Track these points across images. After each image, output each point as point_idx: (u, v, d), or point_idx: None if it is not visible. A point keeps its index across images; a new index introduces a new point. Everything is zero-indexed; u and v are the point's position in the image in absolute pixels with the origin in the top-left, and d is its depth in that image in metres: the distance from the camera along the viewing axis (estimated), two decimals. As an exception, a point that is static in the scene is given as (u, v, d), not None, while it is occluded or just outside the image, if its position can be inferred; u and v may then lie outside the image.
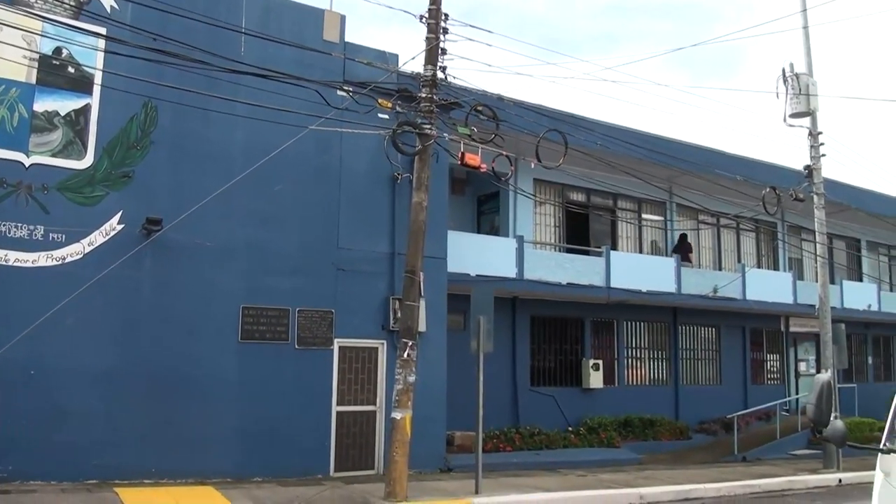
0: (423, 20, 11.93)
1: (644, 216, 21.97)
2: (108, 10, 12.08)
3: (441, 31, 11.92)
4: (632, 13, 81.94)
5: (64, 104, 11.93)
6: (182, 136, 12.67)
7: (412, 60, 13.60)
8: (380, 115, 12.89)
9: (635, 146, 16.98)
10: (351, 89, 12.26)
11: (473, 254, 16.48)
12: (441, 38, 11.92)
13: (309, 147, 13.22)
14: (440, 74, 11.95)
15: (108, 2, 12.22)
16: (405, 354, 11.53)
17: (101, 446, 11.43)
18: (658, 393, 21.06)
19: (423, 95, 11.93)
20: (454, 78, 12.18)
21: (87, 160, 12.01)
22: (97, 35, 11.37)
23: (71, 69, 12.01)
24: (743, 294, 21.62)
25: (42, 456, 10.97)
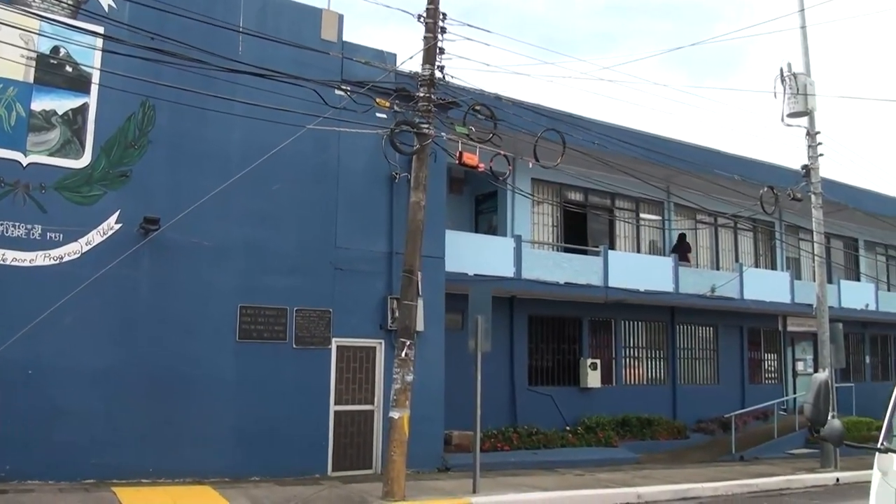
0: (422, 19, 11.94)
1: (642, 216, 21.99)
2: (106, 10, 12.06)
3: (439, 30, 11.93)
4: (631, 12, 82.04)
5: (61, 103, 11.92)
6: (180, 136, 12.66)
7: (410, 60, 13.60)
8: (378, 115, 12.88)
9: (633, 146, 16.99)
10: (349, 89, 12.25)
11: (471, 253, 16.50)
12: (439, 37, 11.92)
13: (307, 146, 13.22)
14: (438, 74, 11.96)
15: (105, 1, 12.20)
16: (403, 354, 11.53)
17: (99, 446, 11.43)
18: (656, 392, 21.07)
19: (421, 95, 11.93)
20: (452, 77, 12.20)
21: (85, 159, 12.00)
22: (95, 34, 11.34)
23: (69, 68, 12.00)
24: (741, 293, 21.66)
25: (40, 455, 10.96)
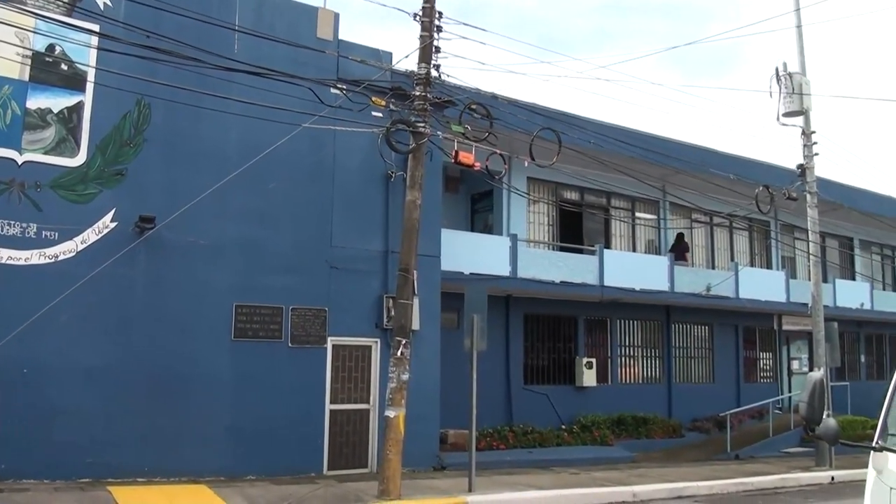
0: (418, 18, 11.94)
1: (637, 215, 22.01)
2: (102, 8, 12.02)
3: (435, 29, 11.94)
4: (626, 11, 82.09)
5: (57, 101, 11.89)
6: (175, 134, 12.64)
7: (406, 59, 13.55)
8: (373, 114, 12.85)
9: (629, 145, 17.01)
10: (345, 87, 12.24)
11: (467, 252, 16.50)
12: (435, 36, 11.93)
13: (302, 145, 13.20)
14: (434, 73, 11.98)
15: (101, -1, 12.19)
16: (399, 353, 11.53)
17: (95, 445, 11.40)
18: (651, 391, 21.10)
19: (417, 94, 11.94)
20: (448, 76, 12.22)
21: (80, 158, 11.98)
22: (90, 32, 11.32)
23: (64, 66, 11.97)
24: (736, 292, 21.70)
25: (35, 454, 10.95)
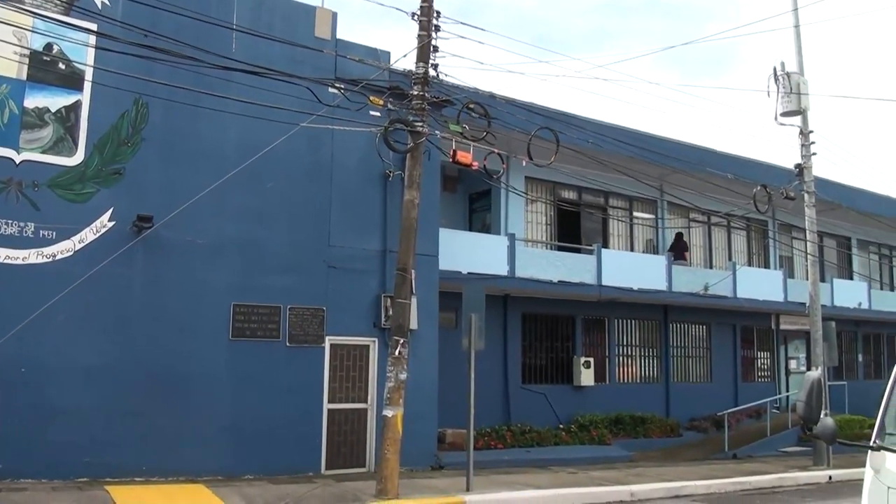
0: (416, 18, 11.93)
1: (635, 214, 22.02)
2: (99, 7, 12.02)
3: (433, 28, 11.93)
4: (624, 11, 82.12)
5: (54, 100, 11.88)
6: (173, 133, 12.63)
7: (404, 58, 13.56)
8: (371, 113, 12.86)
9: (627, 144, 17.02)
10: (342, 86, 12.24)
11: (465, 251, 16.49)
12: (433, 35, 11.92)
13: (300, 144, 13.20)
14: (432, 72, 11.97)
15: (98, -2, 12.18)
16: (396, 352, 11.53)
17: (93, 444, 11.39)
18: (649, 390, 21.10)
19: (415, 93, 11.93)
20: (446, 76, 12.21)
21: (78, 157, 11.96)
22: (88, 31, 11.30)
23: (62, 65, 11.96)
24: (734, 292, 21.70)
25: (33, 454, 10.93)
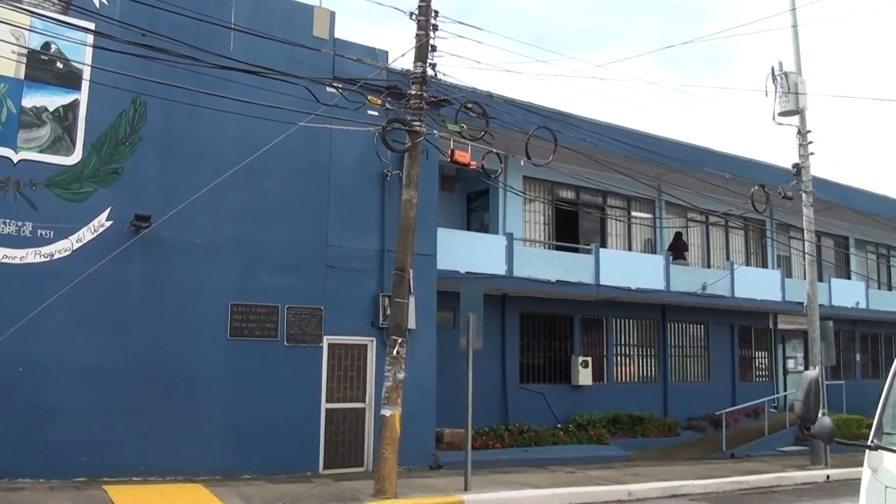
0: (414, 17, 11.92)
1: (633, 214, 22.03)
2: (97, 6, 12.00)
3: (431, 28, 11.92)
4: (622, 10, 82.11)
5: (52, 100, 11.86)
6: (171, 133, 12.62)
7: (402, 57, 13.54)
8: (369, 112, 12.86)
9: (625, 144, 17.03)
10: (340, 86, 12.25)
11: (463, 251, 16.49)
12: (431, 35, 11.92)
13: (298, 144, 13.19)
14: (430, 71, 11.96)
15: (96, -3, 12.17)
16: (394, 351, 11.53)
17: (91, 444, 11.37)
18: (647, 390, 21.11)
19: (413, 92, 11.93)
20: (444, 75, 12.20)
21: (76, 156, 11.95)
22: (86, 30, 11.29)
23: (59, 64, 11.95)
24: (731, 291, 21.71)
25: (30, 453, 10.92)
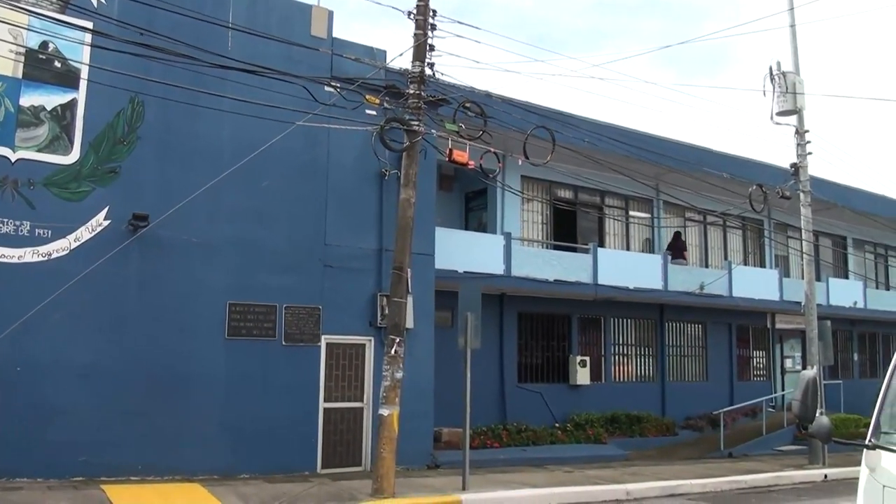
0: (412, 16, 11.92)
1: (632, 213, 22.04)
2: (95, 5, 11.99)
3: (429, 27, 11.92)
4: (620, 10, 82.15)
5: (50, 99, 11.85)
6: (169, 132, 12.61)
7: (400, 57, 13.58)
8: (367, 112, 12.86)
9: (623, 143, 17.02)
10: (338, 85, 12.24)
11: (461, 250, 16.51)
12: (429, 34, 11.91)
13: (296, 143, 13.18)
14: (428, 71, 11.95)
15: (94, -4, 12.15)
16: (392, 351, 11.53)
17: (89, 443, 11.36)
18: (645, 389, 21.12)
19: (411, 92, 11.93)
20: (442, 74, 12.20)
21: (74, 155, 11.94)
22: (84, 29, 11.28)
23: (57, 64, 11.94)
24: (729, 291, 21.75)
25: (28, 453, 10.91)
